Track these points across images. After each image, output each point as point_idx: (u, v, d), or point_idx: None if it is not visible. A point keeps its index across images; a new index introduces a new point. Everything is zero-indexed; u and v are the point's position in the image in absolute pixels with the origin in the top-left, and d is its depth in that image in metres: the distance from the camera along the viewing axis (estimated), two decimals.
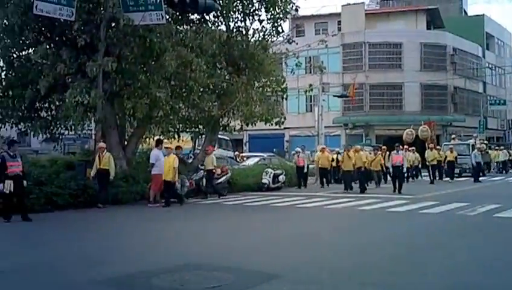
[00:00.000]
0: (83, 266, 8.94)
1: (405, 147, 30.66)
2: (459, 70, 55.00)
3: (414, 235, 12.58)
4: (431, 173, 30.86)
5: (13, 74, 20.50)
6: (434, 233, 12.82)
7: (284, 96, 25.78)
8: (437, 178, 31.31)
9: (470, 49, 57.71)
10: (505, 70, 67.49)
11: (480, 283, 7.64)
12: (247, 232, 13.09)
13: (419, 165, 33.33)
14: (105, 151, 18.50)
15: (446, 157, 32.09)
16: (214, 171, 21.74)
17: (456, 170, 33.93)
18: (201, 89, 21.30)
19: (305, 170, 27.44)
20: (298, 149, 28.68)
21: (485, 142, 46.03)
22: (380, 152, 29.02)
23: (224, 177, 22.89)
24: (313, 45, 30.64)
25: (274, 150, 39.86)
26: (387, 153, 28.72)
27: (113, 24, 19.52)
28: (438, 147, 34.40)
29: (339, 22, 55.34)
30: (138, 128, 22.16)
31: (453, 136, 44.12)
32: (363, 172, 24.84)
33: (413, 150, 32.66)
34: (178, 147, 20.80)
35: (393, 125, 47.62)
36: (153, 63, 19.84)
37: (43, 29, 19.88)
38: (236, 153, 37.16)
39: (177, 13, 20.64)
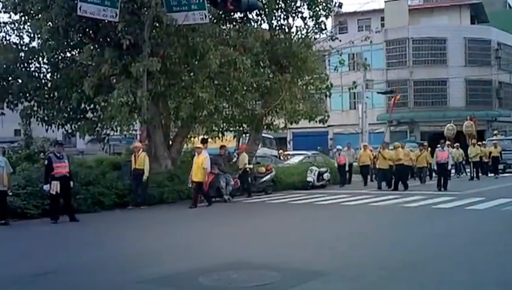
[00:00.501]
0: (131, 265, 9.02)
1: (447, 142, 29.78)
2: (504, 65, 53.88)
3: (460, 232, 12.38)
4: (473, 169, 30.13)
5: (59, 76, 20.84)
6: (481, 230, 12.62)
7: (328, 93, 25.59)
8: (480, 174, 30.46)
9: None
10: None
11: None
12: (292, 231, 13.00)
13: (463, 162, 32.75)
14: (140, 150, 18.46)
15: (490, 153, 31.34)
16: (247, 169, 21.66)
17: (500, 166, 33.14)
18: (245, 88, 21.33)
19: (347, 168, 27.08)
20: (339, 147, 28.47)
21: None
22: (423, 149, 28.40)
23: (268, 176, 22.88)
24: (356, 42, 30.35)
25: (318, 147, 39.61)
26: (429, 149, 28.40)
27: (156, 24, 19.67)
28: (481, 142, 33.59)
29: (382, 18, 54.78)
30: (182, 127, 22.31)
31: (495, 131, 43.16)
32: (400, 169, 23.65)
33: (457, 146, 32.13)
34: (222, 147, 20.85)
35: (437, 122, 46.81)
36: (196, 62, 19.91)
37: (87, 30, 20.14)
38: (280, 151, 37.07)
39: (220, 12, 20.71)
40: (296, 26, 23.98)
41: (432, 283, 7.28)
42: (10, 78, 20.43)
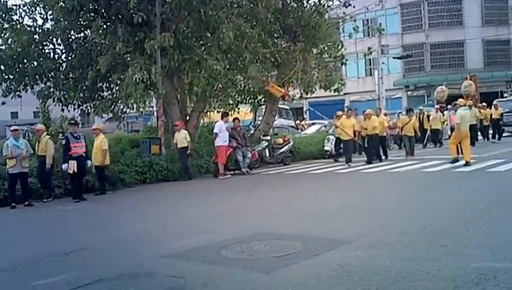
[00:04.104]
0: (154, 240, 9.09)
1: (436, 107, 28.57)
2: None
3: (481, 194, 12.29)
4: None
5: (73, 56, 20.87)
6: (502, 191, 12.51)
7: (343, 61, 25.38)
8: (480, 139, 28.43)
9: None
10: None
11: None
12: (313, 200, 13.02)
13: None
14: (44, 134, 16.25)
15: (492, 115, 29.61)
16: (187, 148, 19.27)
17: (510, 128, 32.22)
18: (258, 59, 21.22)
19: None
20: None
21: None
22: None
23: (286, 147, 22.87)
24: (370, 7, 30.01)
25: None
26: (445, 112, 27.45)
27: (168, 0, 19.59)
28: (482, 104, 31.29)
29: None
30: (198, 102, 22.32)
31: (506, 94, 42.23)
32: (374, 139, 21.39)
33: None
34: (235, 119, 20.85)
35: (456, 84, 46.24)
36: (209, 36, 19.84)
37: (98, 8, 20.10)
38: (298, 122, 37.01)
39: None
40: None
41: (454, 247, 7.24)
42: (25, 61, 20.50)
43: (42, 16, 20.30)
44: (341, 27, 27.39)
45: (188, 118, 21.99)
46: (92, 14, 20.25)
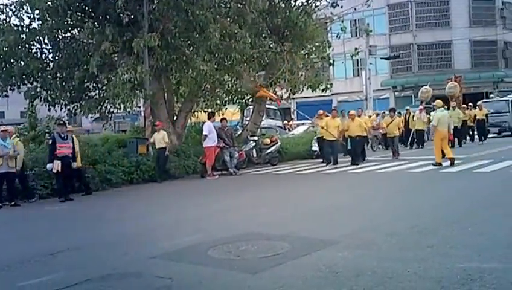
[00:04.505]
0: (140, 241, 9.08)
1: (420, 107, 27.81)
2: (509, 24, 53.26)
3: (468, 195, 12.38)
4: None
5: (60, 56, 20.76)
6: (489, 192, 12.61)
7: (330, 62, 25.42)
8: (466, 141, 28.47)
9: None
10: None
11: None
12: (300, 200, 13.03)
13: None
14: (13, 135, 15.92)
15: (475, 116, 29.43)
16: (165, 149, 19.06)
17: (495, 129, 32.44)
18: (246, 60, 21.22)
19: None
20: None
21: None
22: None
23: (274, 147, 22.91)
24: (358, 7, 30.12)
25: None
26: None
27: None
28: (467, 105, 31.27)
29: None
30: (186, 102, 22.30)
31: (492, 95, 42.37)
32: (357, 140, 21.21)
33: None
34: (223, 120, 20.85)
35: (443, 85, 46.58)
36: (197, 36, 19.82)
37: (86, 8, 20.01)
38: (285, 122, 37.07)
39: None
40: None
41: (440, 247, 7.27)
42: (12, 60, 20.35)
43: (29, 15, 20.14)
44: (328, 27, 27.41)
45: (175, 118, 21.95)
46: (80, 14, 20.15)
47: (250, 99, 24.49)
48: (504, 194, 12.10)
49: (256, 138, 22.78)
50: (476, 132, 29.98)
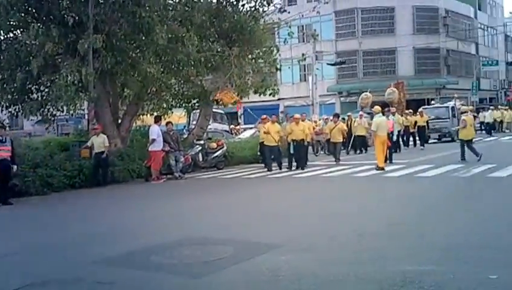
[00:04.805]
0: (82, 247, 8.92)
1: (360, 113, 28.51)
2: (452, 32, 54.82)
3: (410, 199, 12.60)
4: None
5: (2, 57, 20.24)
6: (430, 196, 12.90)
7: (277, 66, 25.55)
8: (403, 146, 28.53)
9: (462, 11, 57.51)
10: (497, 31, 67.43)
11: (476, 244, 7.64)
12: (246, 205, 13.05)
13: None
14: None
15: (416, 122, 30.05)
16: (107, 153, 18.67)
17: (436, 135, 33.16)
18: (193, 63, 21.11)
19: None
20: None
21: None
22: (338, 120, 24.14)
23: (220, 151, 22.86)
24: (305, 13, 30.39)
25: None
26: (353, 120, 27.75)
27: (101, 1, 19.25)
28: (408, 111, 32.08)
29: None
30: (131, 105, 22.03)
31: (432, 102, 43.38)
32: (301, 145, 21.00)
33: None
34: (168, 123, 20.69)
35: None
36: (143, 38, 19.63)
37: (29, 9, 19.57)
38: (232, 126, 37.09)
39: None
40: None
41: (381, 250, 7.38)
42: None
43: None
44: (276, 33, 27.57)
45: (120, 121, 21.66)
46: (23, 14, 19.68)
47: (197, 103, 24.37)
48: (444, 199, 12.39)
49: (202, 142, 22.69)
50: (417, 138, 30.55)
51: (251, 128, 33.41)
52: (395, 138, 23.88)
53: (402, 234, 8.46)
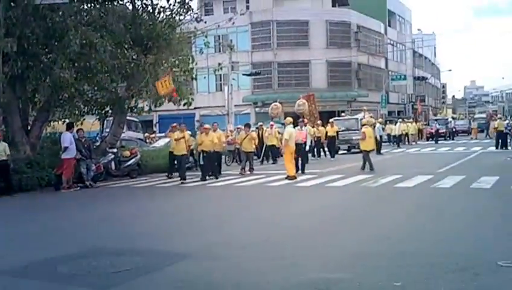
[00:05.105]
0: None
1: (271, 123, 28.49)
2: (363, 47, 56.64)
3: (320, 208, 12.83)
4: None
5: None
6: (340, 205, 13.21)
7: (193, 76, 25.55)
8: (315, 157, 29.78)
9: (373, 26, 59.56)
10: (406, 46, 70.17)
11: (384, 251, 7.86)
12: (158, 214, 12.98)
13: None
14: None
15: (327, 133, 30.99)
16: (8, 162, 18.10)
17: (345, 146, 34.03)
18: (107, 70, 20.81)
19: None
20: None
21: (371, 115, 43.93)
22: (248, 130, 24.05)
23: (133, 159, 22.64)
24: (222, 24, 30.56)
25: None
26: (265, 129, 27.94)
27: (13, 4, 18.71)
28: (318, 122, 32.68)
29: (247, 1, 55.62)
30: (42, 111, 21.46)
31: (343, 114, 44.57)
32: (211, 155, 20.92)
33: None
34: (79, 130, 20.31)
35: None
36: (56, 43, 19.20)
37: None
38: (146, 134, 36.75)
39: None
40: (161, 7, 23.63)
41: (292, 258, 7.52)
42: None
43: None
44: (193, 42, 27.54)
45: (30, 127, 21.05)
46: None
47: (110, 111, 24.01)
48: (352, 208, 12.72)
49: (115, 150, 22.35)
50: (326, 148, 31.35)
51: (165, 136, 33.23)
52: (308, 148, 24.26)
53: (312, 243, 8.64)
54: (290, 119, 21.27)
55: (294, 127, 20.96)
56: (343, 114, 43.81)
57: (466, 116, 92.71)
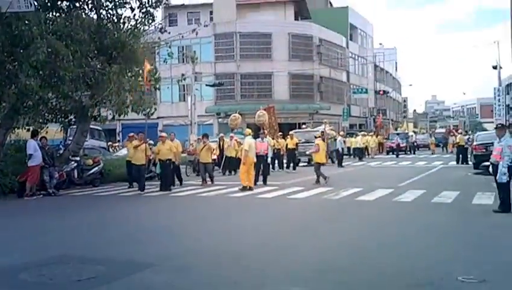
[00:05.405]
0: None
1: (231, 135, 29.11)
2: (325, 60, 57.45)
3: (282, 220, 13.05)
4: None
5: None
6: (302, 218, 13.41)
7: (157, 86, 25.69)
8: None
9: (334, 40, 60.44)
10: (367, 60, 71.38)
11: (345, 264, 8.05)
12: (121, 223, 13.11)
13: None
14: None
15: (287, 145, 31.30)
16: None
17: (305, 158, 34.06)
18: (71, 78, 20.84)
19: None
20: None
21: (332, 128, 43.06)
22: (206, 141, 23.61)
23: (96, 168, 22.69)
24: (185, 35, 30.69)
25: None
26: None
27: None
28: (280, 134, 33.36)
29: (211, 12, 55.88)
30: (6, 119, 21.36)
31: (304, 126, 44.96)
32: (168, 165, 20.85)
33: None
34: (42, 138, 20.33)
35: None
36: (21, 51, 19.20)
37: None
38: (110, 143, 36.68)
39: (47, 0, 20.12)
40: (125, 17, 23.74)
41: (253, 271, 7.73)
42: None
43: None
44: (156, 52, 27.65)
45: None
46: None
47: (74, 119, 24.01)
48: (314, 219, 12.98)
49: (78, 158, 22.40)
50: (284, 160, 31.60)
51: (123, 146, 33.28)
52: (269, 160, 24.53)
53: (274, 255, 8.83)
54: (248, 130, 21.61)
55: (255, 138, 21.30)
56: (303, 126, 44.29)
57: (427, 130, 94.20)
